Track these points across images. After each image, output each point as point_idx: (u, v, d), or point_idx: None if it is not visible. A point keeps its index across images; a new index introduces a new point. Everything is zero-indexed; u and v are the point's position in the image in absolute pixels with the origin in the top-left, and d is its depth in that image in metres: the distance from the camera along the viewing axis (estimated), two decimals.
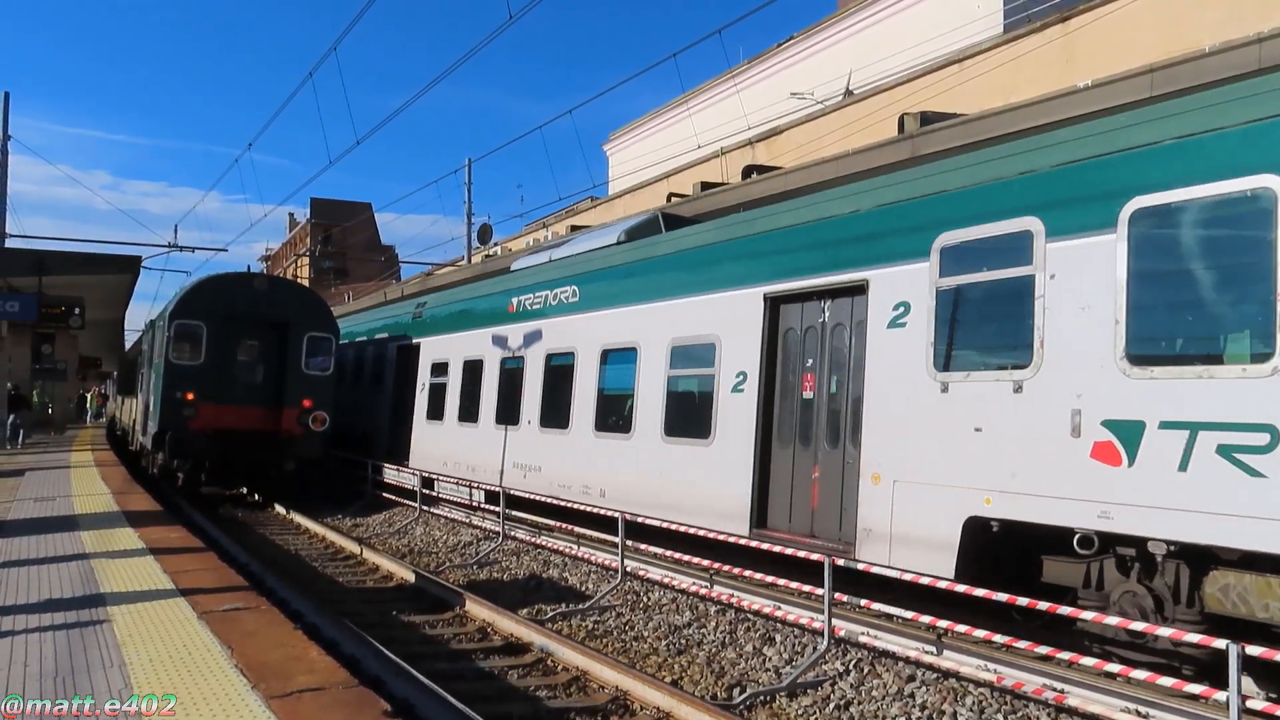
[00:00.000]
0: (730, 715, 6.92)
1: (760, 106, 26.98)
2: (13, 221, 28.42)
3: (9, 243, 28.44)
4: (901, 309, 8.89)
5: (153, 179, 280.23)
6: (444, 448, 18.58)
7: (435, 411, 19.20)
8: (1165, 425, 6.69)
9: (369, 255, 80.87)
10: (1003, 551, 8.00)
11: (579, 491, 13.66)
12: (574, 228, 27.76)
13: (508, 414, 16.18)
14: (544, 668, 8.63)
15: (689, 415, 11.82)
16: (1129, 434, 6.91)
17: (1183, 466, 6.59)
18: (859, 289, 9.46)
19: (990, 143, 10.20)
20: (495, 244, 39.80)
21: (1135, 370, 6.93)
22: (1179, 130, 7.03)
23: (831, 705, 7.53)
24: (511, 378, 16.29)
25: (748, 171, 17.78)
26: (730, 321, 11.19)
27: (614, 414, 13.36)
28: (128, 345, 46.46)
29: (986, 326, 8.43)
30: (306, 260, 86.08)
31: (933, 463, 8.42)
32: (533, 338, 15.75)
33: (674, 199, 19.60)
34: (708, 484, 11.21)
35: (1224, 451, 6.38)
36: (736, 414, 10.90)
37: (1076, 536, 7.35)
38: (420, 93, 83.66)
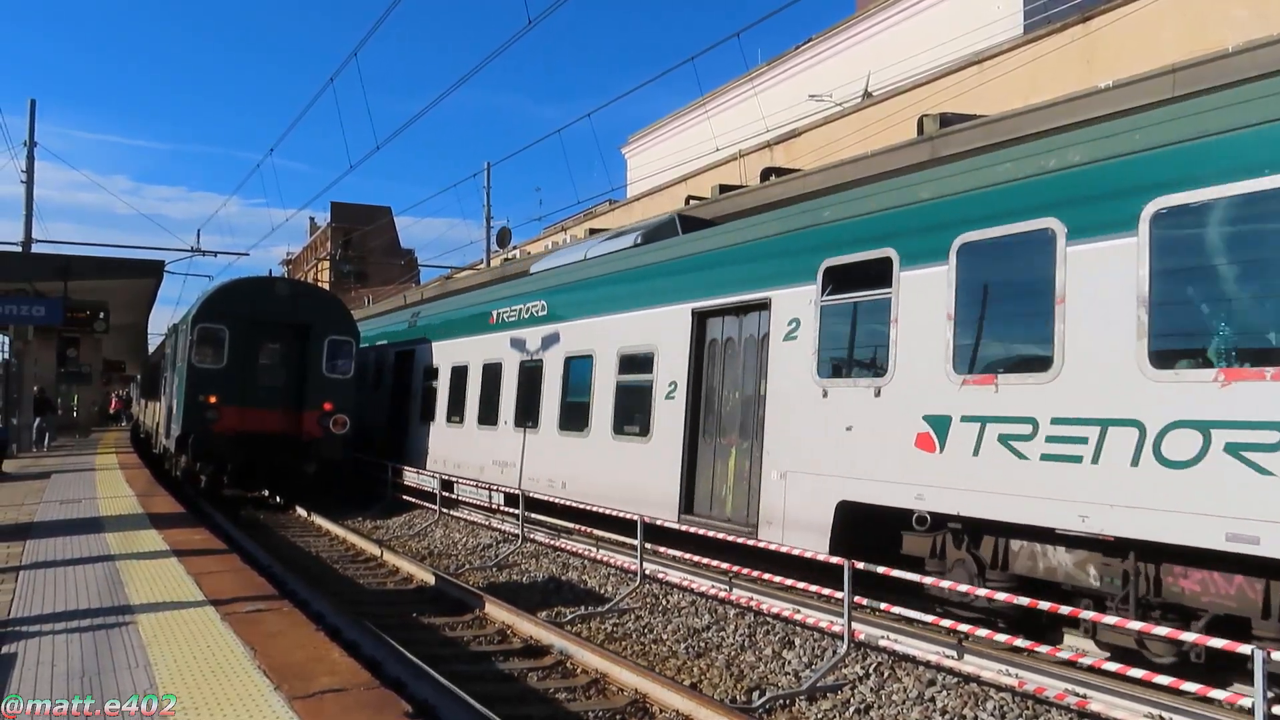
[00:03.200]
0: (749, 719, 6.92)
1: (779, 109, 26.95)
2: (37, 227, 28.82)
3: (34, 248, 28.74)
4: (794, 324, 10.35)
5: (172, 184, 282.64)
6: (434, 446, 20.05)
7: (428, 413, 20.64)
8: (965, 419, 8.22)
9: (389, 259, 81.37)
10: (870, 529, 9.36)
11: (545, 484, 15.06)
12: (592, 231, 27.82)
13: (488, 415, 17.58)
14: (563, 670, 8.65)
15: (633, 416, 13.24)
16: (940, 426, 8.43)
17: (975, 452, 8.08)
18: (764, 306, 10.85)
19: (1011, 143, 10.45)
20: (514, 247, 39.92)
21: (957, 382, 8.36)
22: (992, 179, 8.57)
23: (851, 709, 7.51)
24: (492, 382, 17.65)
25: (766, 174, 17.75)
26: (666, 333, 12.64)
27: (574, 415, 14.67)
28: (151, 349, 46.91)
29: (856, 341, 9.88)
30: (327, 264, 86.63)
31: (815, 457, 9.86)
32: (508, 346, 17.12)
33: (692, 202, 19.60)
34: (647, 477, 12.60)
35: (1003, 440, 7.83)
36: (670, 415, 12.37)
37: (914, 515, 8.74)
38: (440, 97, 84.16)
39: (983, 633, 7.89)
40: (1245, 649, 5.89)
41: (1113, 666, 6.90)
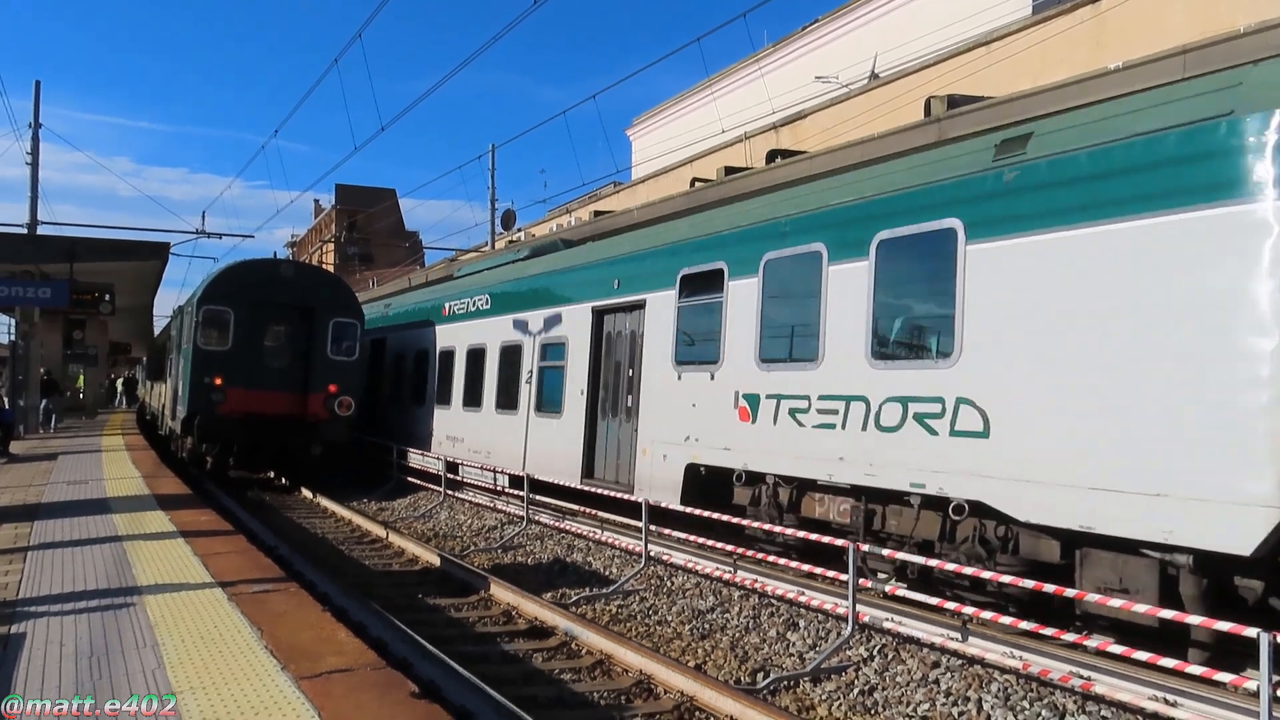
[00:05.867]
0: (754, 699, 6.94)
1: (785, 90, 26.83)
2: (41, 208, 28.71)
3: (39, 230, 28.72)
4: (660, 321, 12.71)
5: (174, 165, 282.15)
6: (402, 423, 22.34)
7: (396, 394, 23.40)
8: (770, 396, 10.56)
9: (393, 241, 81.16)
10: (711, 486, 11.68)
11: (484, 456, 17.66)
12: (597, 213, 27.77)
13: (443, 396, 20.02)
14: (568, 651, 8.68)
15: (550, 397, 15.68)
16: (753, 402, 10.80)
17: (775, 422, 10.40)
18: (641, 306, 13.26)
19: (1008, 127, 11.00)
20: (519, 229, 39.83)
21: (763, 368, 10.76)
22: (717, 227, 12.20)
23: (856, 690, 7.53)
24: (446, 367, 20.08)
25: (772, 156, 17.64)
26: (574, 327, 15.04)
27: (507, 396, 17.22)
28: (157, 331, 46.96)
29: (699, 334, 12.09)
30: (332, 246, 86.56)
31: (672, 429, 12.21)
32: (459, 335, 19.61)
33: (698, 184, 19.53)
34: (561, 447, 15.02)
35: (791, 413, 10.18)
36: (576, 395, 14.73)
37: (735, 473, 11.10)
38: (445, 78, 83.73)
39: (987, 615, 7.89)
40: (1250, 632, 5.89)
41: (1117, 649, 6.91)
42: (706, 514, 11.11)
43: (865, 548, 8.84)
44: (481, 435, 18.04)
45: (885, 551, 8.93)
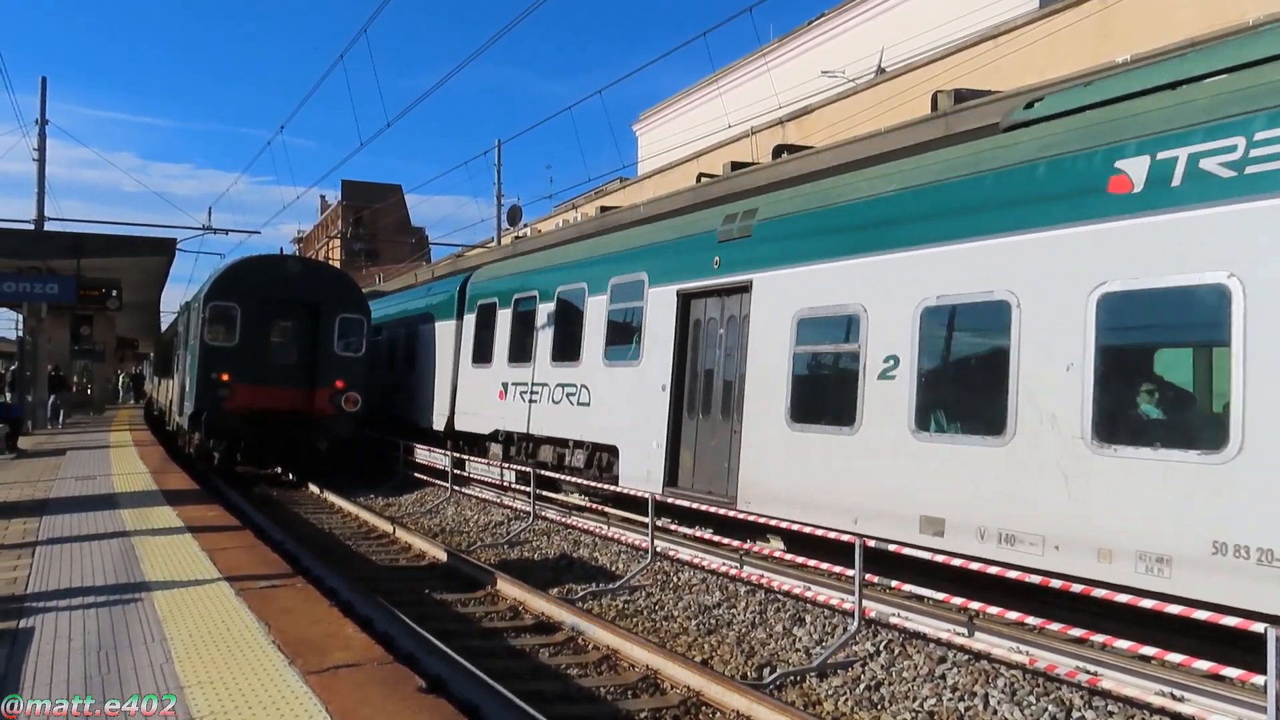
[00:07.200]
0: (760, 695, 6.94)
1: (791, 85, 26.72)
2: (47, 204, 28.73)
3: (46, 226, 28.78)
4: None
5: (179, 161, 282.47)
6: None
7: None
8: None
9: (400, 237, 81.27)
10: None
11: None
12: (603, 209, 27.75)
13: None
14: (575, 646, 8.70)
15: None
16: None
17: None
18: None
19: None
20: (525, 225, 39.80)
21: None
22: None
23: (862, 686, 7.53)
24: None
25: (778, 151, 17.59)
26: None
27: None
28: (163, 327, 47.08)
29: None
30: (338, 242, 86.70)
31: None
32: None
33: (704, 179, 19.50)
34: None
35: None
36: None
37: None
38: (450, 74, 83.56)
39: (993, 610, 7.88)
40: (1258, 628, 5.87)
41: (1124, 644, 6.89)
42: (707, 509, 11.08)
43: (871, 542, 8.81)
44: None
45: (892, 546, 8.88)
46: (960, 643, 7.91)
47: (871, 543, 8.84)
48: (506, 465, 16.98)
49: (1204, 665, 6.38)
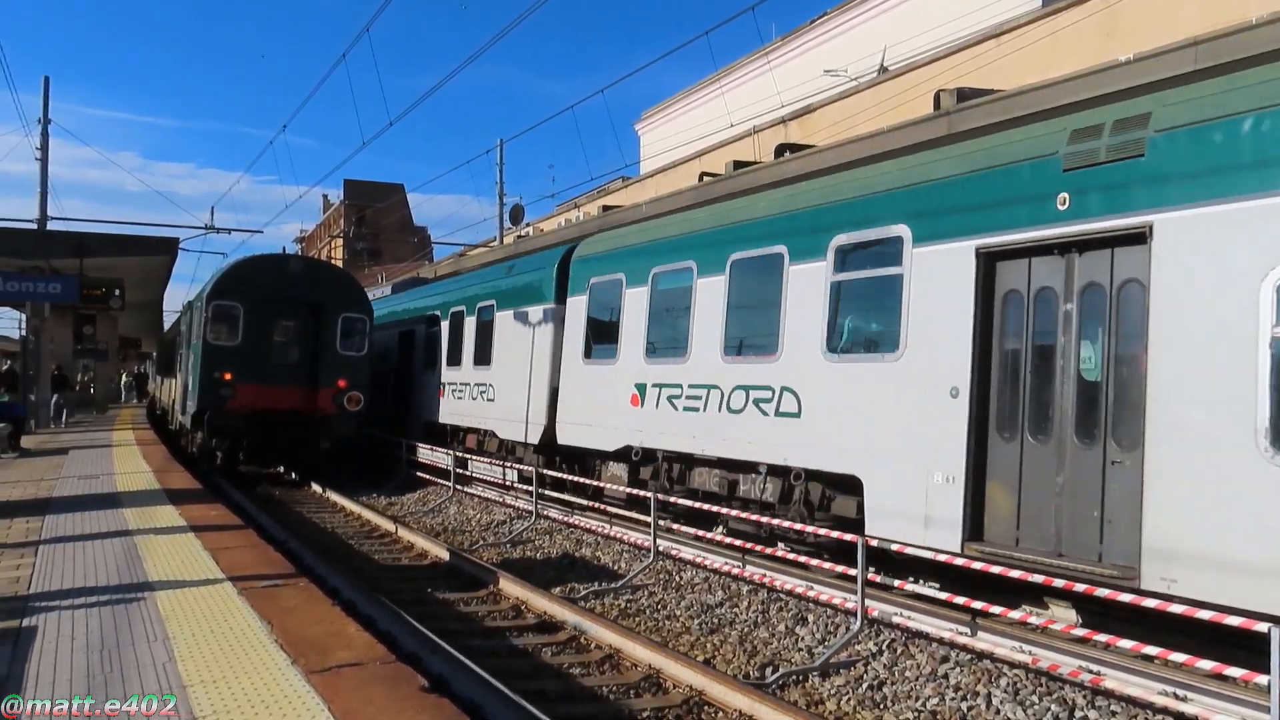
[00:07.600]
0: (763, 694, 6.94)
1: (793, 84, 26.69)
2: (50, 204, 28.73)
3: (49, 225, 28.80)
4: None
5: (181, 160, 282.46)
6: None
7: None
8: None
9: (402, 236, 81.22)
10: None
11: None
12: (606, 208, 27.75)
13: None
14: (577, 645, 8.69)
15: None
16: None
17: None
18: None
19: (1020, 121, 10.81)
20: (527, 224, 39.80)
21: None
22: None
23: (865, 685, 7.53)
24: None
25: (780, 150, 17.57)
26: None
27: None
28: (166, 326, 47.12)
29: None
30: (340, 241, 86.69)
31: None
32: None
33: (706, 178, 19.48)
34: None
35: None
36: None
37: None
38: (453, 73, 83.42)
39: (996, 610, 7.87)
40: (1261, 627, 5.86)
41: (1127, 644, 6.89)
42: (712, 508, 11.03)
43: (874, 542, 8.80)
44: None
45: (895, 546, 8.88)
46: (963, 642, 7.91)
47: (874, 542, 8.84)
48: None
49: (1207, 665, 6.37)
